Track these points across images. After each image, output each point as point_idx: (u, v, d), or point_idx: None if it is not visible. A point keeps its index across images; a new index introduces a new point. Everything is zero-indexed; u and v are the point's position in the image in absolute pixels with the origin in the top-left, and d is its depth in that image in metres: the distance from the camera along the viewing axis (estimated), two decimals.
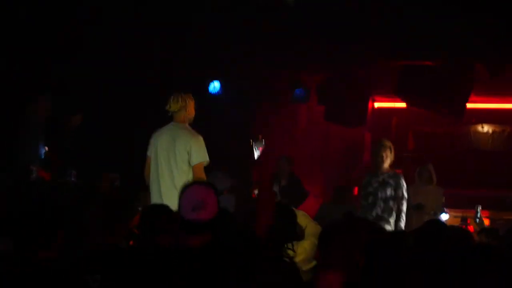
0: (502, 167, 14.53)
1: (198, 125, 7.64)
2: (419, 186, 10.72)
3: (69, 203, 7.48)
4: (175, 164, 7.17)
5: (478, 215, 10.57)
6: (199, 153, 7.16)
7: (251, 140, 10.01)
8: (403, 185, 9.15)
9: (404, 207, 9.17)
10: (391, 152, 9.32)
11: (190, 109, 7.42)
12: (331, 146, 14.14)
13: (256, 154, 10.52)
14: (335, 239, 3.60)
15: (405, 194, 9.15)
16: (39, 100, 8.89)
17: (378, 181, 9.13)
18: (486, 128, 15.98)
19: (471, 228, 10.49)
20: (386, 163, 9.24)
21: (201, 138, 7.26)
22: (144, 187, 7.55)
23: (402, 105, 12.68)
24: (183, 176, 7.09)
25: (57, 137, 9.32)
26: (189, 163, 7.16)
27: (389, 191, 9.06)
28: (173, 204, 5.04)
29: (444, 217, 10.70)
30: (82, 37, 9.07)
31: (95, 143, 9.73)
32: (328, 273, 3.51)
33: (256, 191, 10.26)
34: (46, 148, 8.80)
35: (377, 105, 15.73)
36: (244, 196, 10.34)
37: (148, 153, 7.43)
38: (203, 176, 7.11)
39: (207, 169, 7.38)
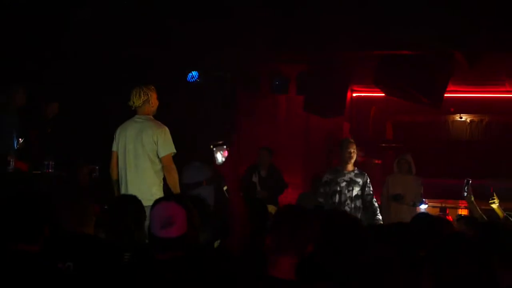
0: (480, 157, 14.62)
1: (178, 116, 7.64)
2: (398, 176, 10.72)
3: (46, 194, 7.41)
4: (142, 155, 7.17)
5: (466, 188, 10.47)
6: (166, 145, 7.17)
7: (211, 145, 9.93)
8: (370, 182, 9.17)
9: (376, 203, 9.18)
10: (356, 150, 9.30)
11: (153, 101, 7.34)
12: (311, 136, 14.16)
13: (219, 158, 10.49)
14: (285, 224, 3.57)
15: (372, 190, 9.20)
16: (14, 90, 8.80)
17: (345, 180, 9.06)
18: (464, 118, 16.07)
19: (449, 218, 10.54)
20: (353, 160, 9.20)
21: (167, 130, 7.24)
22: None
23: (381, 94, 12.70)
24: (150, 167, 7.16)
25: (33, 126, 9.26)
26: (157, 154, 7.18)
27: (356, 190, 9.03)
28: (139, 194, 5.35)
29: (423, 207, 10.73)
30: (62, 30, 9.00)
31: (73, 133, 9.67)
32: (280, 257, 3.50)
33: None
34: (20, 140, 8.72)
35: (355, 95, 15.76)
36: (222, 186, 10.33)
37: (114, 148, 7.36)
38: (172, 166, 7.17)
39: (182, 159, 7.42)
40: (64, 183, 8.48)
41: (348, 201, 8.95)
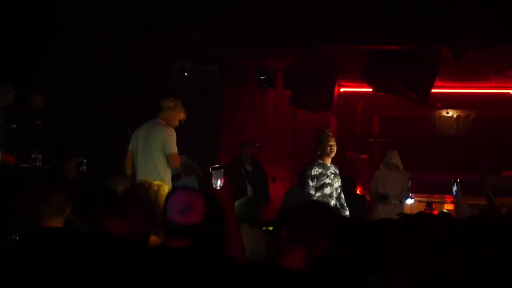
0: (467, 152, 14.70)
1: None
2: (386, 172, 10.68)
3: (33, 187, 7.42)
4: (150, 154, 7.65)
5: (455, 188, 10.43)
6: (171, 145, 7.63)
7: (210, 169, 9.92)
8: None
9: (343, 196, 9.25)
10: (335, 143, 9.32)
11: (174, 115, 7.80)
12: (298, 130, 14.18)
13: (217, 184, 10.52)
14: (303, 218, 3.71)
15: None
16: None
17: (332, 173, 9.07)
18: (451, 113, 16.14)
19: (435, 212, 10.57)
20: (334, 153, 9.20)
21: (171, 131, 7.70)
22: (113, 171, 7.71)
23: (368, 89, 12.73)
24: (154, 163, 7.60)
25: (19, 119, 9.22)
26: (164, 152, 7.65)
27: (339, 182, 9.08)
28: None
29: (410, 202, 10.76)
30: (51, 23, 8.97)
31: (61, 127, 9.64)
32: (294, 248, 3.64)
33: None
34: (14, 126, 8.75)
35: (343, 89, 15.78)
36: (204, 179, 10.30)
37: (129, 147, 7.88)
38: (177, 164, 7.80)
39: None
40: (51, 176, 8.46)
41: (334, 193, 8.99)
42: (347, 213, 8.94)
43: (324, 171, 8.97)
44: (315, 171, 8.95)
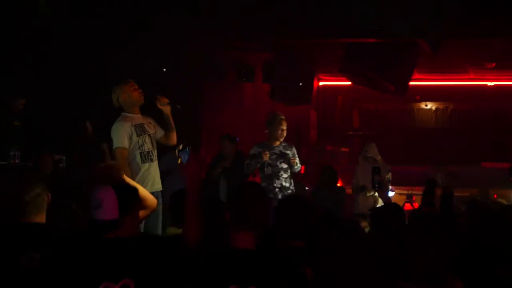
0: (445, 144, 14.78)
1: (144, 106, 7.57)
2: (365, 164, 10.67)
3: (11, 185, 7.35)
4: None
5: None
6: (114, 140, 7.01)
7: (176, 150, 9.83)
8: (296, 153, 9.34)
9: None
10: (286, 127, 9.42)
11: (118, 99, 7.17)
12: None
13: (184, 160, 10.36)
14: (242, 200, 3.68)
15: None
16: None
17: (275, 153, 9.14)
18: (429, 106, 16.22)
19: (416, 205, 10.61)
20: (283, 138, 9.30)
21: (115, 125, 7.06)
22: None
23: (347, 83, 12.75)
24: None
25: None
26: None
27: (287, 162, 9.14)
28: None
29: (390, 194, 10.76)
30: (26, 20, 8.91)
31: (40, 124, 9.59)
32: (240, 232, 3.60)
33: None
34: None
35: (322, 83, 15.81)
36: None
37: None
38: (120, 161, 6.87)
39: None
40: (30, 173, 8.39)
41: (282, 172, 9.06)
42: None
43: (264, 151, 9.04)
44: (254, 150, 9.12)
